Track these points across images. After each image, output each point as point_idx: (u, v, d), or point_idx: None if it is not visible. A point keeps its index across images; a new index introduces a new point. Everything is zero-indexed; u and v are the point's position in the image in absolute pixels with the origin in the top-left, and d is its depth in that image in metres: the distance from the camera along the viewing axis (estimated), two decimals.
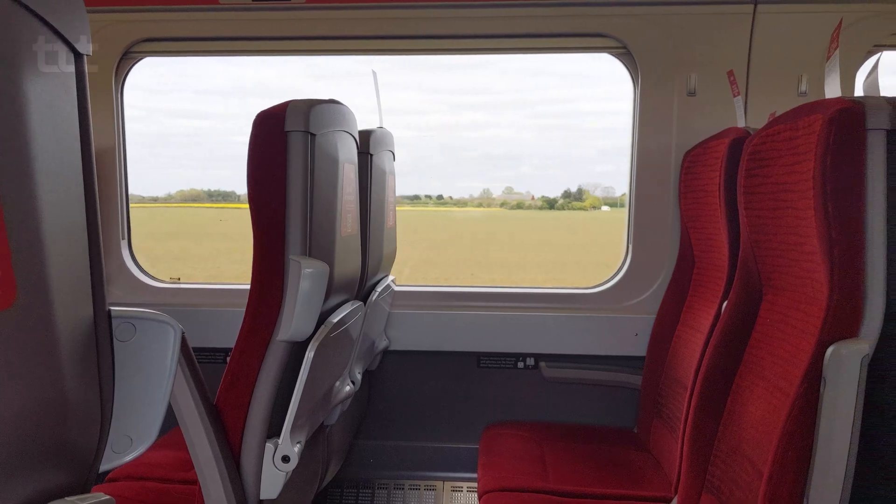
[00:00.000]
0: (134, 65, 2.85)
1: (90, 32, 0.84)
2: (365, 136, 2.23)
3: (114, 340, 0.91)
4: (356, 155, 2.04)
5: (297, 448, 1.67)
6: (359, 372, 2.36)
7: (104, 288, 0.87)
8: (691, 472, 1.75)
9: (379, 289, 2.45)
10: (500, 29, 2.69)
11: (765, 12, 2.55)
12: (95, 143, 0.86)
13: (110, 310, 0.90)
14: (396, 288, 2.83)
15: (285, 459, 1.64)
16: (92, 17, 1.26)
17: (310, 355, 1.64)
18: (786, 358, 1.45)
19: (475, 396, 2.88)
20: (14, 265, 0.68)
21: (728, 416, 1.68)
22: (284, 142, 1.58)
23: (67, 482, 0.81)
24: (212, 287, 2.98)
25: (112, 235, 2.86)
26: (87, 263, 0.84)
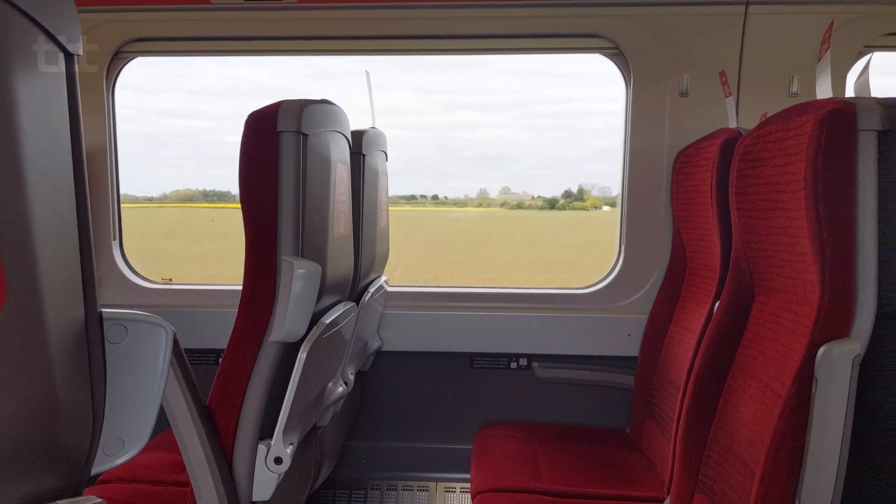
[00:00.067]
0: (125, 65, 2.84)
1: (81, 32, 0.84)
2: (357, 137, 2.23)
3: (105, 342, 0.90)
4: (348, 155, 2.03)
5: (290, 449, 1.66)
6: (351, 373, 2.35)
7: (95, 289, 0.87)
8: (684, 473, 1.75)
9: (372, 289, 2.45)
10: (493, 29, 2.69)
11: (756, 13, 2.56)
12: (86, 144, 0.86)
13: (101, 311, 0.90)
14: (389, 288, 2.83)
15: (278, 461, 1.64)
16: (82, 17, 1.26)
17: (302, 356, 1.64)
18: (778, 358, 1.46)
19: (468, 397, 2.88)
20: (4, 266, 0.67)
21: (720, 417, 1.68)
22: (276, 142, 1.58)
23: (59, 485, 0.80)
24: (204, 288, 2.97)
25: (103, 236, 2.85)
26: (78, 264, 0.84)
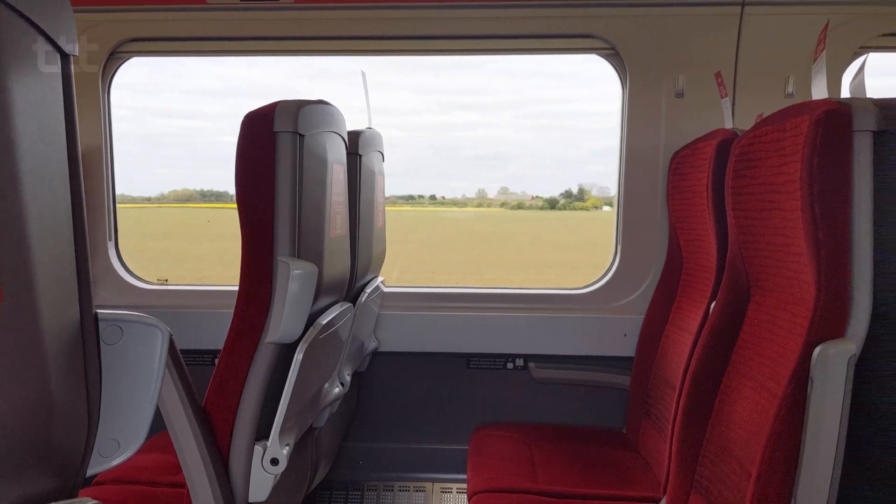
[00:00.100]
0: (121, 65, 2.83)
1: (76, 32, 0.84)
2: (354, 137, 2.23)
3: (100, 343, 0.90)
4: (345, 156, 2.03)
5: (286, 450, 1.66)
6: (348, 374, 2.35)
7: (91, 289, 0.87)
8: (680, 473, 1.75)
9: (368, 290, 2.45)
10: (489, 30, 2.69)
11: (752, 14, 2.56)
12: (82, 144, 0.86)
13: (97, 312, 0.90)
14: (386, 289, 2.83)
15: (274, 462, 1.63)
16: (78, 17, 1.25)
17: (298, 357, 1.64)
18: (773, 358, 1.46)
19: (464, 397, 2.88)
20: None
21: (716, 417, 1.68)
22: (273, 142, 1.57)
23: (54, 486, 0.80)
24: (199, 289, 2.97)
25: (99, 236, 2.84)
26: (74, 265, 0.84)
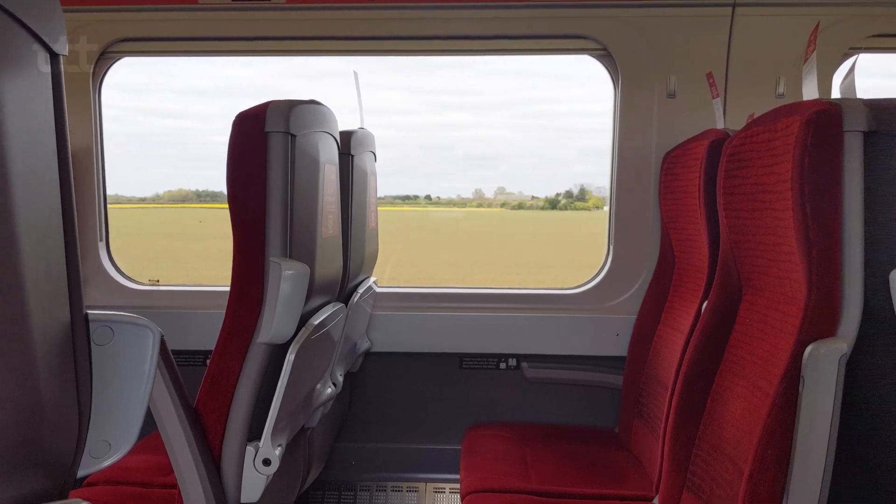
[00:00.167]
0: (112, 65, 2.82)
1: (67, 32, 0.83)
2: (346, 137, 2.23)
3: (91, 344, 0.90)
4: (337, 156, 2.03)
5: (279, 451, 1.66)
6: (340, 374, 2.35)
7: (81, 290, 0.86)
8: (672, 472, 1.76)
9: (360, 290, 2.44)
10: (481, 30, 2.69)
11: (743, 15, 2.57)
12: (72, 144, 0.85)
13: (87, 313, 0.89)
14: (378, 289, 2.82)
15: (266, 462, 1.63)
16: (68, 17, 1.25)
17: (290, 358, 1.63)
18: (765, 357, 1.47)
19: (457, 397, 2.88)
20: None
21: (708, 416, 1.69)
22: (264, 143, 1.57)
23: (44, 488, 0.80)
24: (191, 289, 2.96)
25: (89, 237, 2.83)
26: (64, 265, 0.83)
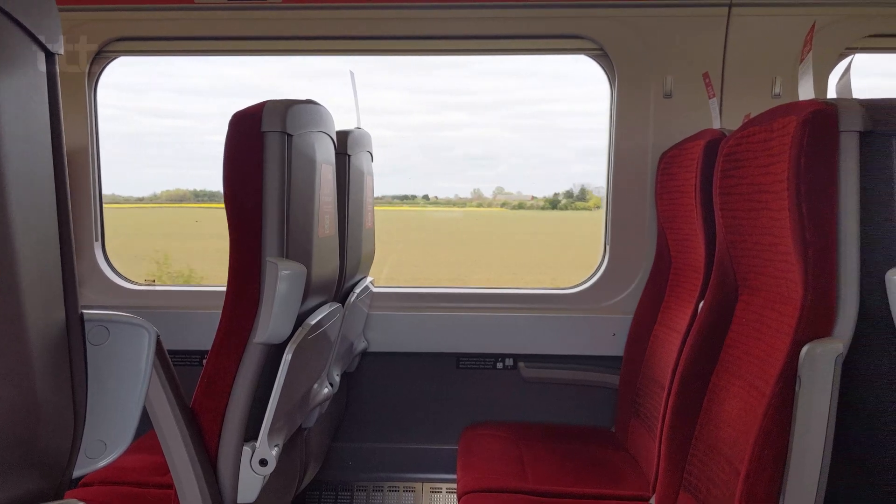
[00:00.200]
0: (108, 64, 2.82)
1: (62, 32, 0.83)
2: (342, 137, 2.22)
3: (87, 344, 0.89)
4: (334, 156, 2.03)
5: (275, 451, 1.65)
6: (337, 374, 2.35)
7: (76, 290, 0.86)
8: (669, 471, 1.76)
9: (357, 290, 2.44)
10: (477, 30, 2.69)
11: (739, 15, 2.57)
12: (68, 144, 0.85)
13: (83, 312, 0.89)
14: (375, 289, 2.82)
15: (263, 463, 1.63)
16: (64, 16, 1.25)
17: (287, 358, 1.63)
18: (761, 357, 1.47)
19: (454, 397, 2.88)
20: None
21: (705, 416, 1.69)
22: (261, 142, 1.57)
23: (40, 488, 0.79)
24: (187, 289, 2.95)
25: (85, 237, 2.82)
26: (59, 265, 0.83)
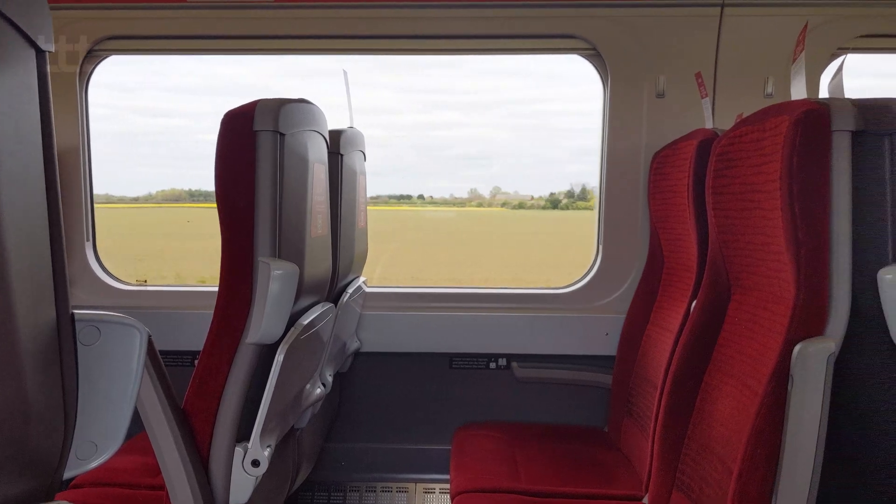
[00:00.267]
0: (99, 63, 2.80)
1: (53, 30, 0.82)
2: (335, 136, 2.22)
3: (77, 344, 0.89)
4: (326, 155, 2.02)
5: (268, 452, 1.65)
6: (330, 374, 2.34)
7: (67, 290, 0.85)
8: (662, 471, 1.76)
9: (350, 290, 2.44)
10: (471, 30, 2.69)
11: (732, 15, 2.58)
12: (59, 143, 0.85)
13: (74, 313, 0.88)
14: (368, 289, 2.82)
15: (255, 463, 1.62)
16: (55, 14, 1.24)
17: (279, 358, 1.62)
18: (754, 356, 1.47)
19: (447, 397, 2.88)
20: None
21: (698, 415, 1.70)
22: (253, 141, 1.56)
23: (30, 489, 0.79)
24: (179, 289, 2.94)
25: (76, 237, 2.81)
26: (50, 265, 0.83)
